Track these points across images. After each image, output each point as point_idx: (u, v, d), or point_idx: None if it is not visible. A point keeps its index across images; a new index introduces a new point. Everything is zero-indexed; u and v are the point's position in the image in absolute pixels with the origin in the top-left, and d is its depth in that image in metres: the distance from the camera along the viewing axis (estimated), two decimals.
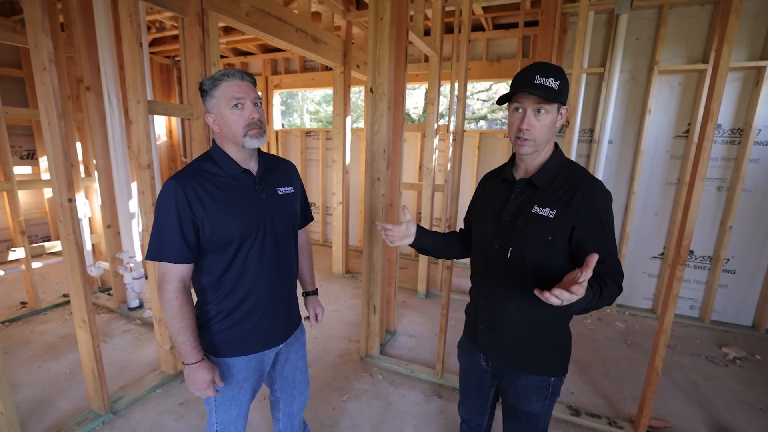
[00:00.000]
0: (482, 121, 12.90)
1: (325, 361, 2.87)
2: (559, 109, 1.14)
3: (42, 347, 2.95)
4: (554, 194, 1.16)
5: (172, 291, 1.18)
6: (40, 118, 1.96)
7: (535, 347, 1.24)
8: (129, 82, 2.25)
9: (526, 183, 1.22)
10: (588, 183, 1.14)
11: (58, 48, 3.35)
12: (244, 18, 2.84)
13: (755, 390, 2.65)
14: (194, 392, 1.23)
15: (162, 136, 6.53)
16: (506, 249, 1.21)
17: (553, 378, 1.26)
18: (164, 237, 1.15)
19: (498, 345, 1.29)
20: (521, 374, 1.27)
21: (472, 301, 1.39)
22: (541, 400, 1.28)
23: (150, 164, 2.33)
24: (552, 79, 1.08)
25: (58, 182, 1.96)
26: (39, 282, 4.14)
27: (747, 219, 3.47)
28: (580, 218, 1.11)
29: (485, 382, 1.43)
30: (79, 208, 3.65)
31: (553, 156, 1.21)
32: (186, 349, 1.19)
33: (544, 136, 1.14)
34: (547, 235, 1.13)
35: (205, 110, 1.22)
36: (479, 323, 1.33)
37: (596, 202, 1.12)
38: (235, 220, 1.20)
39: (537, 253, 1.16)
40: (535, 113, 1.11)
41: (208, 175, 1.21)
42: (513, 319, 1.24)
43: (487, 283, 1.28)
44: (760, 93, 3.22)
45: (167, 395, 2.44)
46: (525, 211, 1.19)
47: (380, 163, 2.62)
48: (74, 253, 2.01)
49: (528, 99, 1.11)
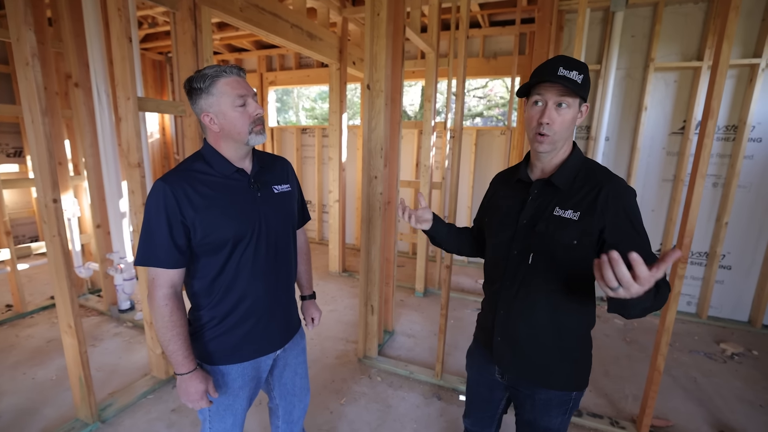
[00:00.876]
0: (478, 118, 12.91)
1: (322, 362, 2.81)
2: (580, 105, 1.07)
3: (28, 352, 2.85)
4: (576, 195, 1.08)
5: (162, 297, 1.12)
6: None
7: (558, 360, 1.17)
8: (118, 78, 2.18)
9: (544, 183, 1.14)
10: (611, 181, 1.07)
11: (46, 43, 3.25)
12: (237, 13, 2.77)
13: (754, 386, 2.65)
14: (187, 404, 1.17)
15: (155, 134, 6.41)
16: (527, 255, 1.13)
17: (575, 392, 1.19)
18: (153, 241, 1.10)
19: (517, 358, 1.21)
20: (541, 389, 1.19)
21: (487, 310, 1.30)
22: (561, 414, 1.21)
23: (140, 163, 2.26)
24: (576, 72, 1.02)
25: (42, 182, 1.88)
26: (26, 284, 4.03)
27: (742, 215, 3.48)
28: (608, 219, 1.04)
29: (496, 395, 1.35)
30: (69, 207, 3.56)
31: (572, 155, 1.13)
32: (177, 358, 1.13)
33: (564, 132, 1.06)
34: (572, 238, 1.06)
35: (199, 110, 1.14)
36: (496, 335, 1.23)
37: (623, 200, 1.05)
38: (228, 221, 1.15)
39: (561, 258, 1.08)
40: (556, 107, 1.04)
41: (199, 175, 1.15)
42: (535, 331, 1.16)
43: (506, 291, 1.19)
44: (754, 90, 3.23)
45: (158, 401, 2.36)
46: (545, 214, 1.11)
47: (377, 160, 2.57)
48: (59, 256, 1.93)
49: (550, 91, 1.04)
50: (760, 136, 3.35)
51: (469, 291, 4.26)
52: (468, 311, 3.77)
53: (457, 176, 2.49)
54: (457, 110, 2.51)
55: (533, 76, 1.08)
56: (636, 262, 0.79)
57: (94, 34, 2.85)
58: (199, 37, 2.56)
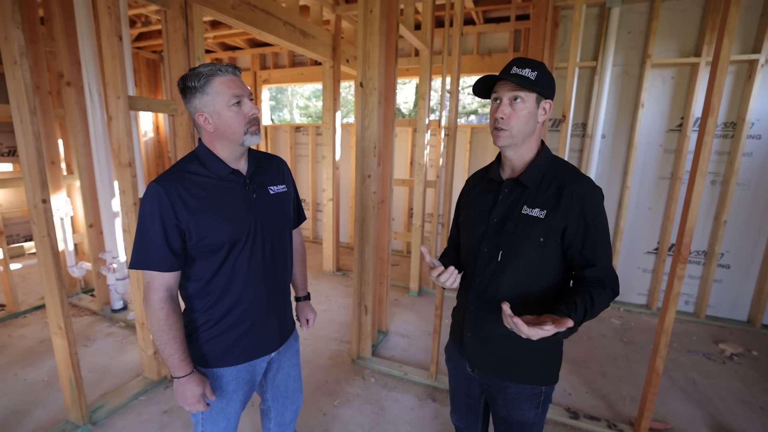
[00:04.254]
0: (473, 116, 12.87)
1: (315, 363, 2.79)
2: (538, 101, 1.10)
3: (19, 353, 2.83)
4: (543, 194, 1.11)
5: (158, 301, 1.10)
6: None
7: (525, 355, 1.18)
8: (108, 76, 2.15)
9: (513, 183, 1.18)
10: (577, 181, 1.09)
11: (38, 42, 3.22)
12: (229, 11, 2.74)
13: (754, 388, 2.62)
14: (183, 407, 1.16)
15: (149, 132, 6.38)
16: (496, 252, 1.16)
17: (545, 386, 1.21)
18: (148, 244, 1.08)
19: (486, 354, 1.23)
20: (510, 383, 1.21)
21: (459, 305, 1.33)
22: (533, 408, 1.22)
23: (131, 162, 2.23)
24: (528, 70, 1.07)
25: (32, 182, 1.85)
26: (19, 283, 4.01)
27: (741, 213, 3.45)
28: (571, 218, 1.07)
29: (474, 389, 1.36)
30: (61, 207, 3.53)
31: (540, 154, 1.16)
32: (174, 362, 1.12)
33: (521, 127, 1.10)
34: (538, 236, 1.09)
35: (193, 109, 1.11)
36: (466, 330, 1.26)
37: (586, 200, 1.08)
38: (224, 223, 1.13)
39: (529, 256, 1.12)
40: (511, 102, 1.09)
41: (194, 177, 1.13)
42: (503, 326, 1.14)
43: (475, 287, 1.22)
44: (753, 86, 3.20)
45: (150, 403, 2.34)
46: (515, 213, 1.14)
47: (371, 159, 2.54)
48: (49, 257, 1.90)
49: (504, 87, 1.09)
50: (759, 132, 3.32)
51: None
52: None
53: (451, 174, 2.46)
54: (452, 108, 2.48)
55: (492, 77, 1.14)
56: (513, 322, 0.95)
57: (85, 33, 2.82)
58: (191, 35, 2.53)
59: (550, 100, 1.12)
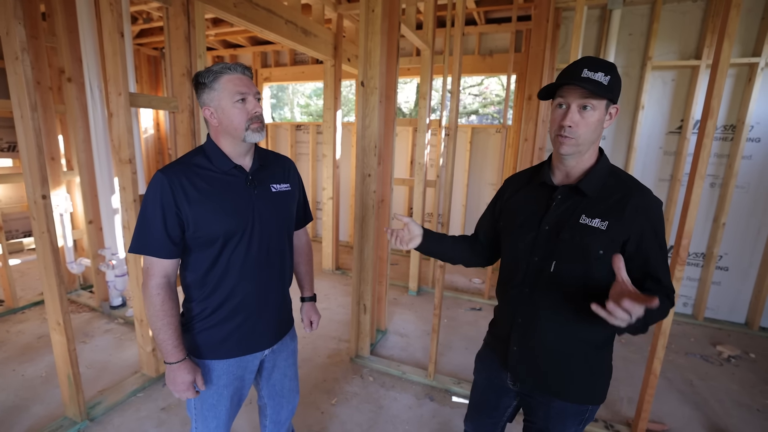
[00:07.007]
0: (473, 116, 12.87)
1: (314, 362, 2.79)
2: (608, 107, 1.03)
3: (18, 348, 2.83)
4: (603, 203, 1.04)
5: (155, 287, 1.14)
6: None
7: (576, 372, 1.13)
8: (109, 73, 2.16)
9: (570, 189, 1.09)
10: (641, 192, 1.04)
11: (39, 38, 3.22)
12: (231, 9, 2.75)
13: (751, 390, 2.63)
14: (174, 393, 1.19)
15: (149, 129, 6.37)
16: (549, 262, 1.09)
17: (591, 405, 1.16)
18: (148, 230, 1.12)
19: (534, 369, 1.17)
20: (557, 399, 1.16)
21: (502, 317, 1.26)
22: (575, 425, 1.17)
23: (131, 159, 2.23)
24: (602, 74, 0.98)
25: (32, 177, 1.85)
26: (18, 279, 4.00)
27: (740, 216, 3.46)
28: (633, 231, 1.01)
29: (505, 402, 1.31)
30: (61, 203, 3.53)
31: (599, 161, 1.09)
32: (167, 347, 1.15)
33: (589, 135, 1.02)
34: (598, 249, 1.02)
35: (202, 103, 1.17)
36: (512, 344, 1.19)
37: (650, 212, 1.02)
38: (221, 217, 1.15)
39: (585, 268, 1.05)
40: (580, 109, 1.01)
41: (198, 169, 1.17)
42: (555, 340, 1.12)
43: (524, 298, 1.15)
44: (753, 89, 3.20)
45: (148, 400, 2.34)
46: (570, 221, 1.06)
47: (371, 158, 2.54)
48: (48, 253, 1.90)
49: (573, 93, 1.01)
50: (759, 136, 3.32)
51: (462, 290, 4.24)
52: (461, 311, 3.75)
53: (451, 174, 2.46)
54: (453, 108, 2.48)
55: (558, 78, 1.06)
56: (647, 301, 0.84)
57: (87, 29, 2.82)
58: (192, 33, 2.53)
59: (617, 105, 1.05)
